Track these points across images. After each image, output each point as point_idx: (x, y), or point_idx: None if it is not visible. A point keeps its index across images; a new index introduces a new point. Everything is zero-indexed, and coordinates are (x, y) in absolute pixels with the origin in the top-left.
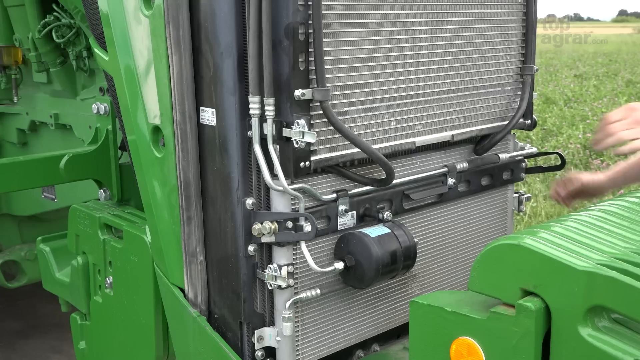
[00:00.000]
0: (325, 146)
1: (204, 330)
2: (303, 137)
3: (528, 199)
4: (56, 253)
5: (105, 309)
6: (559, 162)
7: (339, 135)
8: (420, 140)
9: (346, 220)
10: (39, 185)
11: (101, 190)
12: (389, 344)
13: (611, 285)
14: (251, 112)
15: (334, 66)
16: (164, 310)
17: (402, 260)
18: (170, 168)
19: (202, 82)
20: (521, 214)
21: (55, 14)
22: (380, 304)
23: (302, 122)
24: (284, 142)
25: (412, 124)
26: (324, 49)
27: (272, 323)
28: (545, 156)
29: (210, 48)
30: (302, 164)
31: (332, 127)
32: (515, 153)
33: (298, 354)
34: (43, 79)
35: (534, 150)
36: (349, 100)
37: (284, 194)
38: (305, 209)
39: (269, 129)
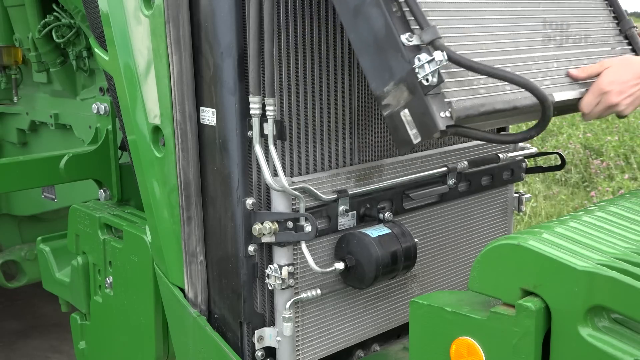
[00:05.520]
0: (459, 98)
1: (204, 330)
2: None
3: (528, 199)
4: (56, 253)
5: (105, 309)
6: (559, 162)
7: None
8: (557, 95)
9: (346, 220)
10: (39, 185)
11: (101, 190)
12: (389, 344)
13: (611, 285)
14: (251, 112)
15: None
16: (164, 310)
17: (402, 261)
18: (170, 168)
19: (202, 82)
20: (521, 214)
21: (55, 14)
22: (380, 304)
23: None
24: (414, 95)
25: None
26: None
27: (272, 323)
28: (545, 156)
29: (210, 48)
30: (442, 114)
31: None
32: (515, 153)
33: (298, 354)
34: (43, 79)
35: (534, 150)
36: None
37: (284, 193)
38: (306, 209)
39: (270, 128)
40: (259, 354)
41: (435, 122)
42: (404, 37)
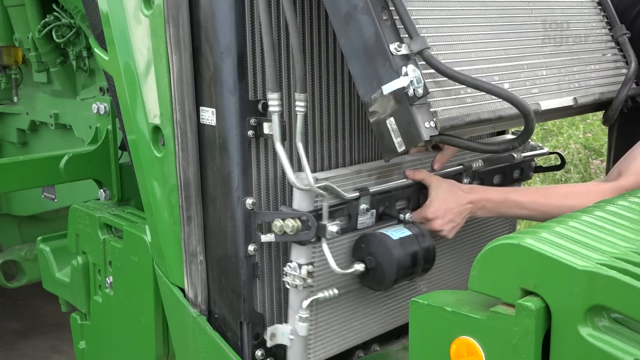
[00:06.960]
0: (445, 108)
1: (204, 330)
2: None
3: None
4: (56, 253)
5: (105, 309)
6: (559, 162)
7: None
8: (544, 104)
9: (366, 219)
10: (39, 185)
11: (101, 190)
12: (389, 344)
13: (611, 285)
14: (270, 109)
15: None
16: (164, 310)
17: (422, 263)
18: (170, 168)
19: (202, 81)
20: None
21: (55, 14)
22: (388, 303)
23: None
24: (400, 104)
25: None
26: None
27: (272, 323)
28: (545, 156)
29: (210, 48)
30: (426, 124)
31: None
32: (529, 153)
33: (310, 353)
34: (43, 79)
35: (546, 150)
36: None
37: (307, 192)
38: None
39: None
40: (259, 353)
41: (419, 132)
42: (392, 47)
